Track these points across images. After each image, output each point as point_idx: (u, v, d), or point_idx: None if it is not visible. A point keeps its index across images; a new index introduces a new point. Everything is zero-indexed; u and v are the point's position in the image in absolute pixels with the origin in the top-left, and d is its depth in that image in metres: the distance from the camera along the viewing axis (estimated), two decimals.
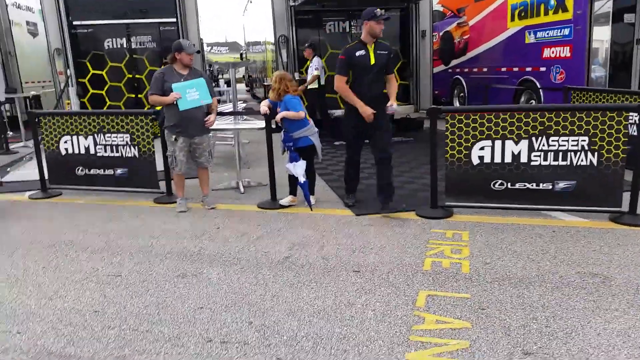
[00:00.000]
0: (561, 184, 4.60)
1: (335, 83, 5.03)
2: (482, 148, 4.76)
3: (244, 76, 31.42)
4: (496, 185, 4.78)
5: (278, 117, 5.22)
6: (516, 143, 4.64)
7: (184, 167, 5.45)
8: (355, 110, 4.93)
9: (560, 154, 4.54)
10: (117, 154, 5.95)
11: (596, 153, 4.44)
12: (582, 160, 4.50)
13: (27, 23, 13.45)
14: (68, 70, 10.02)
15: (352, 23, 10.54)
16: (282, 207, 5.44)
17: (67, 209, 5.77)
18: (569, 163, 4.54)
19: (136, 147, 5.86)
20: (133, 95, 10.48)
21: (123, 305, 3.33)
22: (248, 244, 4.41)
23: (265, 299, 3.36)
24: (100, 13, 10.19)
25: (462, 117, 4.74)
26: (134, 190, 6.03)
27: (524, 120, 4.58)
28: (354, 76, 5.00)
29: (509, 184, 4.75)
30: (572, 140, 4.49)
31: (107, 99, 10.40)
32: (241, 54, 30.60)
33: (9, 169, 7.92)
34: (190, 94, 5.21)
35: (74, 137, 6.05)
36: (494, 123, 4.67)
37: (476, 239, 4.32)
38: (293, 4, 9.86)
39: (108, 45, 10.37)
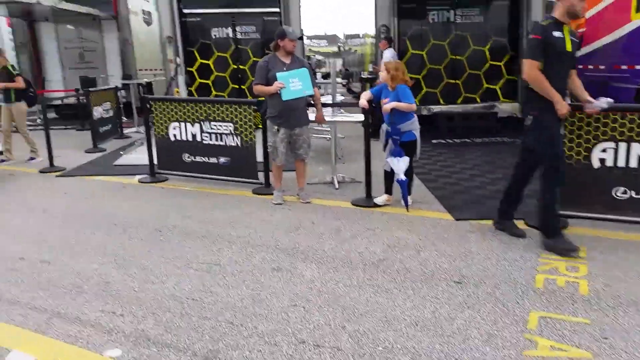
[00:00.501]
0: None
1: (525, 70, 3.92)
2: (604, 150, 4.26)
3: (340, 70, 31.52)
4: (618, 194, 4.26)
5: (388, 106, 4.95)
6: None
7: (283, 159, 5.47)
8: (553, 108, 3.90)
9: None
10: (221, 143, 6.12)
11: None
12: None
13: (143, 12, 14.29)
14: (178, 59, 10.49)
15: (456, 13, 10.02)
16: (377, 205, 5.28)
17: (173, 194, 6.04)
18: None
19: (239, 137, 5.99)
20: (237, 86, 10.76)
21: (220, 296, 3.37)
22: (342, 242, 4.31)
23: (359, 302, 3.24)
24: (208, 1, 10.54)
25: (583, 116, 4.25)
26: (235, 179, 6.18)
27: None
28: (546, 63, 3.88)
29: (632, 193, 4.22)
30: None
31: (213, 89, 10.77)
32: (339, 47, 30.67)
33: (121, 152, 8.50)
34: (293, 84, 5.18)
35: (182, 124, 6.31)
36: (619, 124, 4.16)
37: (594, 256, 3.87)
38: None
39: (215, 35, 10.71)
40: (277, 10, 10.29)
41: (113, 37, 13.41)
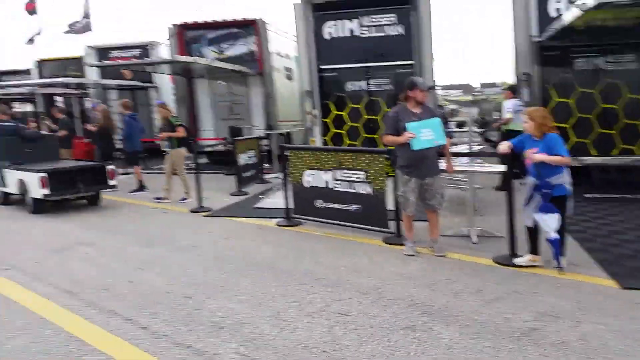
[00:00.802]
0: None
1: None
2: None
3: (476, 119, 30.57)
4: None
5: (539, 157, 4.53)
6: None
7: (414, 209, 5.28)
8: None
9: None
10: (352, 190, 6.13)
11: None
12: None
13: (285, 69, 15.37)
14: (314, 111, 10.99)
15: (607, 59, 9.14)
16: (519, 266, 4.78)
17: (306, 239, 6.13)
18: None
19: (370, 185, 5.94)
20: (369, 135, 10.90)
21: (350, 351, 3.22)
22: (484, 305, 3.92)
23: None
24: (344, 58, 10.97)
25: None
26: (366, 227, 6.10)
27: None
28: None
29: None
30: None
31: (345, 138, 11.03)
32: (474, 96, 29.92)
33: (261, 197, 8.95)
34: (424, 133, 5.05)
35: (316, 171, 6.46)
36: None
37: None
38: (538, 39, 9.06)
39: (349, 88, 11.08)
40: (411, 62, 10.35)
41: (258, 92, 14.55)
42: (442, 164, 5.48)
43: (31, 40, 23.35)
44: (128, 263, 5.32)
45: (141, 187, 10.05)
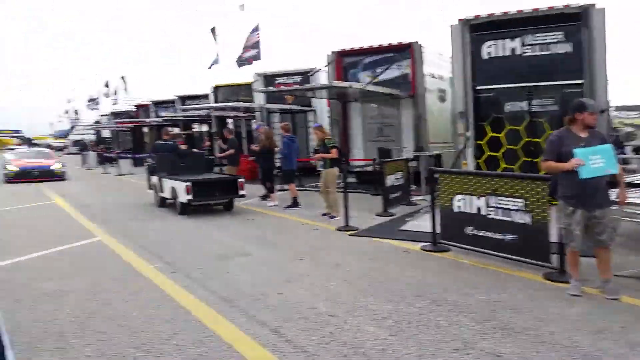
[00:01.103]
0: None
1: None
2: None
3: None
4: None
5: None
6: None
7: (580, 244, 4.70)
8: None
9: None
10: (508, 219, 5.68)
11: None
12: None
13: (438, 90, 15.08)
14: (467, 132, 10.53)
15: None
16: None
17: (453, 267, 5.84)
18: None
19: (529, 214, 5.44)
20: (529, 159, 10.09)
21: None
22: None
23: None
24: (503, 77, 10.37)
25: None
26: (522, 260, 5.60)
27: None
28: None
29: None
30: None
31: (501, 162, 10.37)
32: None
33: (408, 219, 8.80)
34: (593, 161, 4.49)
35: (468, 197, 6.13)
36: None
37: None
38: None
39: (508, 109, 10.41)
40: (580, 82, 9.38)
41: (409, 114, 14.49)
42: (614, 195, 4.83)
43: (210, 67, 26.38)
44: (280, 275, 5.60)
45: (295, 203, 10.59)
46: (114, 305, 4.69)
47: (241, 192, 10.35)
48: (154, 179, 11.58)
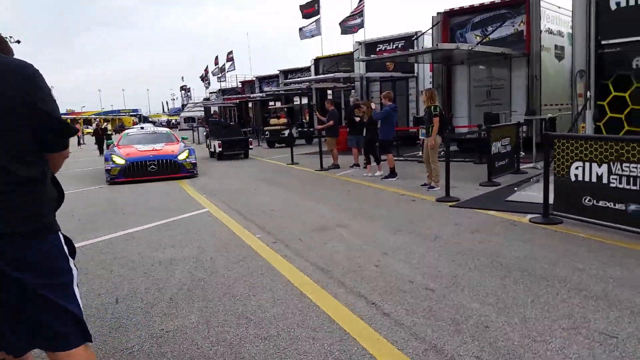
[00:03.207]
0: None
1: None
2: None
3: None
4: None
5: None
6: None
7: None
8: None
9: None
10: (634, 187, 5.07)
11: None
12: None
13: (555, 47, 13.79)
14: (588, 93, 9.55)
15: None
16: None
17: (566, 240, 5.38)
18: None
19: None
20: None
21: None
22: None
23: None
24: (632, 28, 9.18)
25: None
26: None
27: None
28: None
29: None
30: None
31: (625, 124, 9.28)
32: None
33: (515, 189, 8.26)
34: None
35: (587, 164, 5.57)
36: None
37: None
38: None
39: (637, 65, 9.22)
40: None
41: (521, 74, 13.48)
42: None
43: (307, 37, 26.57)
44: (376, 247, 5.55)
45: (393, 174, 10.42)
46: (221, 272, 4.96)
47: (250, 147, 19.05)
48: (208, 140, 20.69)
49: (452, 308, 3.78)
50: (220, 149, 17.83)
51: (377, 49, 18.78)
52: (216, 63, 45.75)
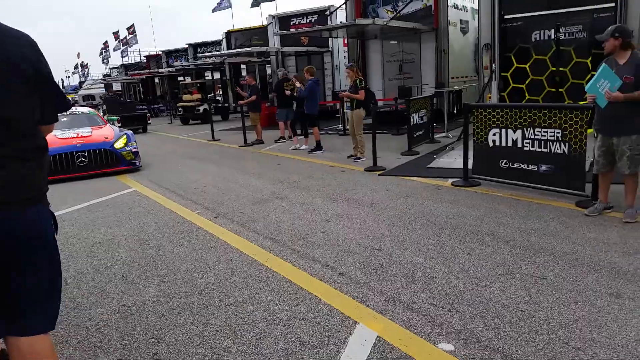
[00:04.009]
0: None
1: None
2: None
3: None
4: None
5: None
6: None
7: (599, 168, 4.99)
8: None
9: None
10: (544, 150, 5.74)
11: None
12: None
13: (460, 22, 14.66)
14: (493, 65, 10.36)
15: None
16: None
17: (486, 200, 5.97)
18: None
19: (566, 144, 5.50)
20: (553, 89, 9.97)
21: (550, 313, 3.13)
22: None
23: None
24: (532, 4, 10.06)
25: None
26: (555, 189, 5.72)
27: None
28: None
29: None
30: None
31: (526, 93, 10.25)
32: None
33: (435, 156, 8.88)
34: (602, 87, 4.61)
35: (503, 130, 6.17)
36: None
37: None
38: None
39: (535, 38, 10.15)
40: (611, 5, 9.05)
41: (430, 48, 14.20)
42: None
43: (215, 10, 25.90)
44: (318, 215, 5.80)
45: (319, 147, 10.70)
46: (168, 249, 4.95)
47: (149, 122, 20.54)
48: (106, 117, 18.01)
49: (400, 264, 4.14)
50: (120, 125, 16.48)
51: (291, 23, 18.80)
52: (116, 38, 42.99)
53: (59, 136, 9.69)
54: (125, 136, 10.22)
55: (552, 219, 5.04)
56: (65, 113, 12.50)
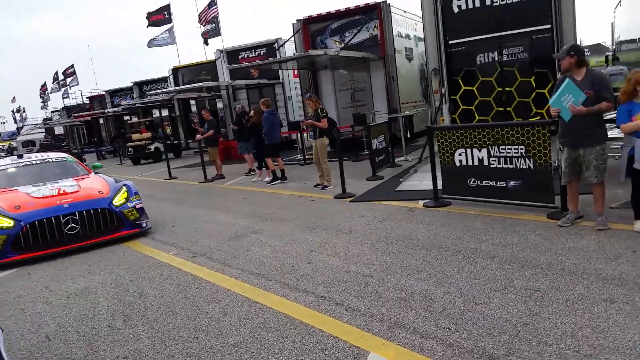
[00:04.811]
0: None
1: None
2: None
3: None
4: None
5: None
6: None
7: (566, 179, 5.25)
8: None
9: None
10: (510, 166, 5.98)
11: None
12: None
13: (405, 49, 15.24)
14: (443, 89, 10.78)
15: None
16: None
17: (460, 218, 6.12)
18: None
19: (531, 159, 5.76)
20: (501, 109, 10.46)
21: (553, 323, 3.22)
22: None
23: None
24: (474, 29, 10.59)
25: None
26: (525, 203, 5.94)
27: None
28: None
29: None
30: None
31: (476, 114, 10.69)
32: (606, 57, 27.09)
33: (400, 179, 9.05)
34: (566, 101, 4.88)
35: (469, 150, 6.39)
36: None
37: None
38: None
39: (480, 61, 10.66)
40: (548, 27, 9.70)
41: (379, 76, 14.62)
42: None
43: (159, 45, 25.70)
44: (300, 246, 5.74)
45: (283, 177, 10.67)
46: (151, 293, 4.73)
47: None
48: None
49: (395, 288, 4.14)
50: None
51: (240, 57, 18.88)
52: (55, 79, 41.63)
53: (33, 194, 7.06)
54: (125, 188, 7.65)
55: (528, 232, 5.22)
56: (33, 160, 8.74)
